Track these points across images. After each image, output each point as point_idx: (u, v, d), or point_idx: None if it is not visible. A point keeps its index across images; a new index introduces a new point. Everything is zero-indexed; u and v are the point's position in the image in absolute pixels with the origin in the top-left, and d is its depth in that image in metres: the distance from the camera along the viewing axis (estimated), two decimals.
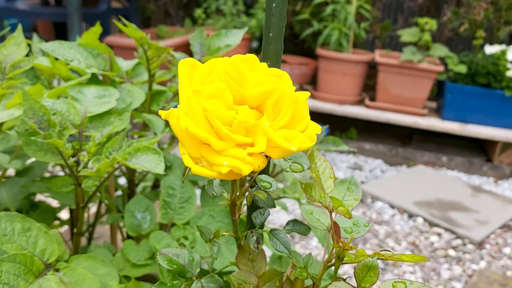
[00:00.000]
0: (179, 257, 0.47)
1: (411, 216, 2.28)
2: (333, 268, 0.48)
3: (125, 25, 0.81)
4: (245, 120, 0.31)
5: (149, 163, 0.59)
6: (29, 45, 0.88)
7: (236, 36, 0.96)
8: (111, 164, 0.60)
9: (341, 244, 0.44)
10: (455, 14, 3.20)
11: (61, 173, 1.04)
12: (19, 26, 0.84)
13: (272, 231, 0.45)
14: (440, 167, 2.88)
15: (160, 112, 0.34)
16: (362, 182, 2.62)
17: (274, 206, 0.48)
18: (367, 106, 3.04)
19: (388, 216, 2.28)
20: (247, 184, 0.45)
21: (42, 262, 0.58)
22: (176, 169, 0.85)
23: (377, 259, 0.45)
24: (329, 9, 2.92)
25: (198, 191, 0.92)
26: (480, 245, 2.07)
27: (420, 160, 2.90)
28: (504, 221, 2.25)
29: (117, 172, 1.04)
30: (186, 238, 0.74)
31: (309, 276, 0.48)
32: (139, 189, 1.03)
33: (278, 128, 0.32)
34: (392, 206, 2.36)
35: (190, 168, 0.36)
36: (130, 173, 0.93)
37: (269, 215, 0.47)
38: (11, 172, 1.13)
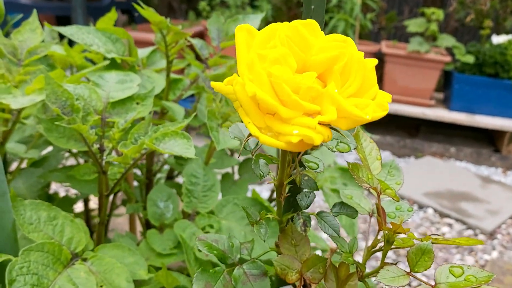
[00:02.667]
0: (219, 243, 0.45)
1: (421, 207, 2.26)
2: None
3: (143, 8, 0.79)
4: (313, 85, 0.28)
5: (179, 147, 0.57)
6: None
7: (254, 21, 0.93)
8: (139, 149, 0.58)
9: (391, 227, 0.42)
10: (461, 4, 3.16)
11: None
12: (34, 12, 0.82)
13: (320, 214, 0.43)
14: (448, 158, 2.86)
15: (213, 84, 0.32)
16: None
17: (317, 189, 0.46)
18: None
19: None
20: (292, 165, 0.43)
21: (70, 251, 0.56)
22: (199, 160, 0.82)
23: (432, 243, 0.43)
24: (334, 0, 2.89)
25: None
26: (491, 235, 2.06)
27: (428, 151, 2.87)
28: None
29: None
30: (211, 226, 0.72)
31: (354, 262, 0.46)
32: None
33: (347, 96, 0.30)
34: (402, 197, 2.33)
35: (253, 140, 0.34)
36: (149, 163, 0.90)
37: (314, 197, 0.45)
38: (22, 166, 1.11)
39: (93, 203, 1.30)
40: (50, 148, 0.93)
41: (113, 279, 0.56)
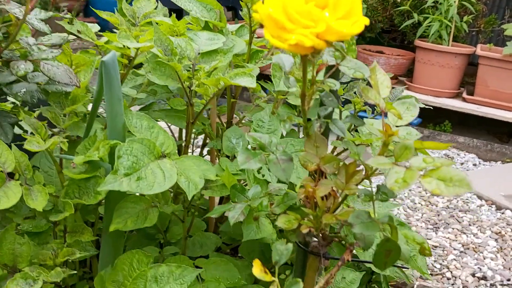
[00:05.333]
0: (262, 138, 0.63)
1: (499, 208, 2.26)
2: None
3: None
4: (310, 9, 0.45)
5: (246, 82, 0.75)
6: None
7: None
8: (216, 82, 0.77)
9: (386, 130, 0.57)
10: None
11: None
12: None
13: (333, 120, 0.59)
14: None
15: (254, 14, 0.49)
16: None
17: (338, 106, 0.62)
18: (464, 100, 3.01)
19: (475, 206, 2.28)
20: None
21: (161, 151, 0.77)
22: (266, 109, 1.00)
23: (415, 148, 0.57)
24: (430, 1, 2.94)
25: None
26: None
27: None
28: None
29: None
30: None
31: (360, 161, 0.61)
32: None
33: (336, 19, 0.46)
34: (480, 197, 2.35)
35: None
36: (229, 115, 1.10)
37: (332, 111, 0.61)
38: None
39: None
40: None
41: (190, 175, 0.75)
